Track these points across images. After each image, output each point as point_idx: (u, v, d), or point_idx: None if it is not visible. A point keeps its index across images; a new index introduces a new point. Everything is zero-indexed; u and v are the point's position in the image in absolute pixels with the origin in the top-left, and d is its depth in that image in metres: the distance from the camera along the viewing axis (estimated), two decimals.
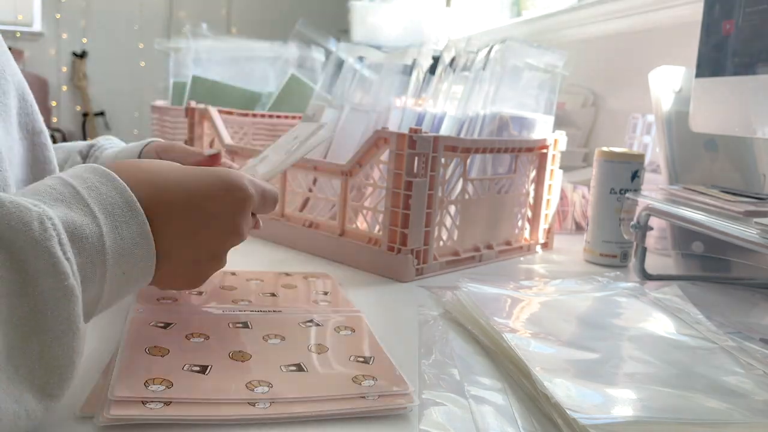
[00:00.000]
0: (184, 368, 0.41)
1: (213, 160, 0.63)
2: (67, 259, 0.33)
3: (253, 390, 0.39)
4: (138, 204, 0.39)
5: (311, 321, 0.52)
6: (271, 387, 0.40)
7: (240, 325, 0.50)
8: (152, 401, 0.37)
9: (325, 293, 0.61)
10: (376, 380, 0.42)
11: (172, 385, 0.38)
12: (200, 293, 0.58)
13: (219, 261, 0.47)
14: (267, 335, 0.48)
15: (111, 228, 0.37)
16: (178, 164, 0.46)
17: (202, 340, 0.46)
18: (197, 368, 0.41)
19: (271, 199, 0.51)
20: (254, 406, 0.38)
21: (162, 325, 0.48)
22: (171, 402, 0.37)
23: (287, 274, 0.67)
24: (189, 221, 0.43)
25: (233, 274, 0.65)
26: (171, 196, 0.42)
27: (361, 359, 0.45)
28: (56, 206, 0.35)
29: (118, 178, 0.39)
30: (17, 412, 0.30)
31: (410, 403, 0.40)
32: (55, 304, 0.32)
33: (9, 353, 0.30)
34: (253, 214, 0.51)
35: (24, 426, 0.30)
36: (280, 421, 0.38)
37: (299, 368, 0.43)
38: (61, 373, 0.32)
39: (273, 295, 0.59)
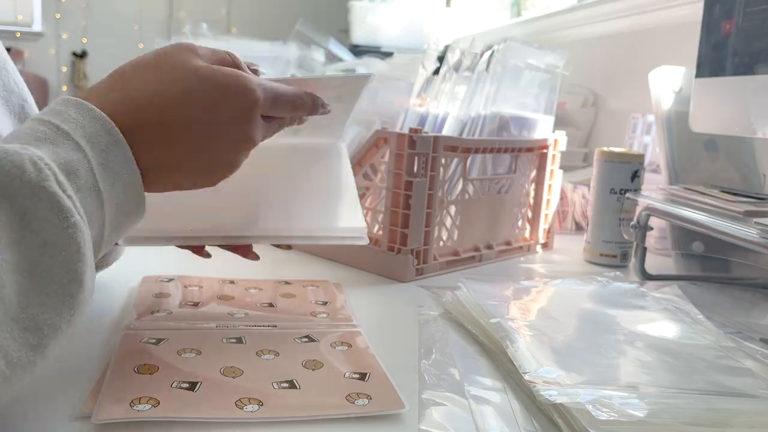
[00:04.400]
0: (173, 385, 0.40)
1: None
2: (69, 197, 0.32)
3: (242, 408, 0.38)
4: (117, 130, 0.37)
5: (307, 337, 0.51)
6: (261, 405, 0.39)
7: (234, 340, 0.49)
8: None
9: (325, 303, 0.60)
10: (371, 399, 0.41)
11: (159, 403, 0.38)
12: (196, 304, 0.57)
13: (233, 166, 0.44)
14: (261, 350, 0.47)
15: (98, 159, 0.35)
16: (185, 64, 0.41)
17: (194, 355, 0.46)
18: (186, 385, 0.40)
19: (287, 101, 0.46)
20: (242, 410, 0.38)
21: (153, 341, 0.47)
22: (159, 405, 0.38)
23: (287, 283, 0.65)
24: (197, 135, 0.41)
25: (232, 282, 0.64)
26: (177, 114, 0.40)
27: (357, 375, 0.44)
28: (43, 146, 0.34)
29: (94, 107, 0.37)
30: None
31: (400, 408, 0.40)
32: (65, 244, 0.31)
33: (20, 301, 0.30)
34: (270, 117, 0.46)
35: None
36: (270, 422, 0.38)
37: (291, 385, 0.42)
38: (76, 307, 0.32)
39: (271, 305, 0.58)
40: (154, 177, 0.40)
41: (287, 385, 0.42)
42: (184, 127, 0.40)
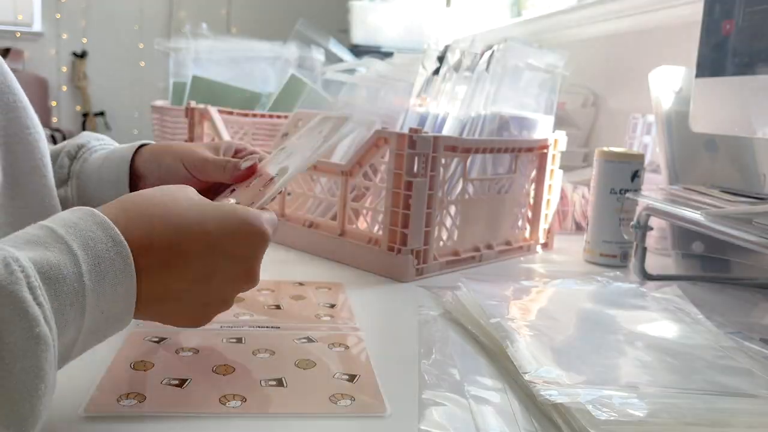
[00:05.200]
0: (162, 382, 0.41)
1: (250, 173, 0.53)
2: (39, 304, 0.30)
3: (225, 404, 0.39)
4: (122, 237, 0.35)
5: (306, 338, 0.51)
6: (245, 401, 0.40)
7: (234, 340, 0.50)
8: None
9: (331, 306, 0.60)
10: (354, 400, 0.41)
11: (145, 399, 0.39)
12: None
13: (228, 304, 0.43)
14: (257, 350, 0.48)
15: (92, 266, 0.33)
16: (194, 197, 0.42)
17: (191, 354, 0.46)
18: (175, 382, 0.42)
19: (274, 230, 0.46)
20: (225, 405, 0.39)
21: (156, 339, 0.48)
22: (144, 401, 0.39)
23: (300, 284, 0.66)
24: (206, 266, 0.39)
25: None
26: (190, 239, 0.39)
27: (346, 377, 0.45)
28: (28, 247, 0.32)
29: (99, 213, 0.36)
30: None
31: (381, 412, 0.40)
32: (23, 354, 0.29)
33: None
34: None
35: None
36: (251, 417, 0.39)
37: (279, 383, 0.43)
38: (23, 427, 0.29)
39: (278, 307, 0.59)
40: (144, 303, 0.37)
41: (275, 383, 0.43)
42: (192, 256, 0.39)
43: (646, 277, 0.76)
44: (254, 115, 1.21)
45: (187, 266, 0.39)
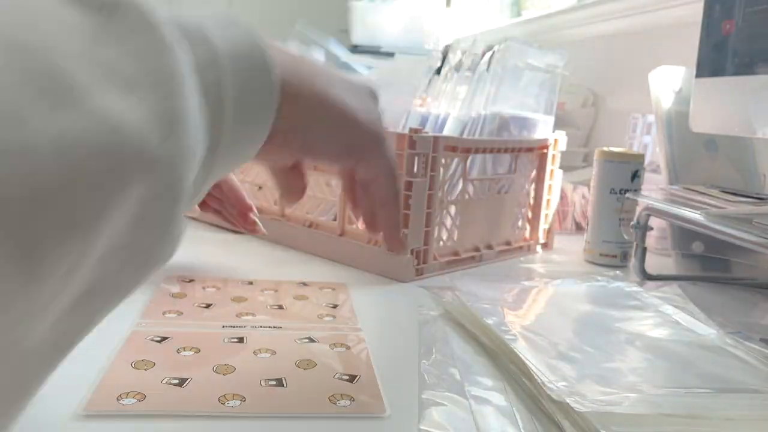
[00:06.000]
0: (163, 381, 0.41)
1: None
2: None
3: (224, 404, 0.39)
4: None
5: (308, 338, 0.51)
6: (244, 401, 0.40)
7: (235, 339, 0.50)
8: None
9: (334, 306, 0.60)
10: (354, 400, 0.41)
11: (145, 397, 0.39)
12: (208, 306, 0.57)
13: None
14: (258, 350, 0.48)
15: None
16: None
17: (192, 353, 0.46)
18: (176, 381, 0.41)
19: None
20: (224, 405, 0.39)
21: (158, 339, 0.48)
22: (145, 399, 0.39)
23: (304, 284, 0.66)
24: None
25: (250, 283, 0.64)
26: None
27: (346, 377, 0.45)
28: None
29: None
30: None
31: (381, 413, 0.40)
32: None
33: None
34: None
35: None
36: (250, 417, 0.39)
37: (279, 383, 0.43)
38: None
39: (281, 307, 0.59)
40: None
41: (275, 383, 0.43)
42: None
43: (646, 277, 0.76)
44: None
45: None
